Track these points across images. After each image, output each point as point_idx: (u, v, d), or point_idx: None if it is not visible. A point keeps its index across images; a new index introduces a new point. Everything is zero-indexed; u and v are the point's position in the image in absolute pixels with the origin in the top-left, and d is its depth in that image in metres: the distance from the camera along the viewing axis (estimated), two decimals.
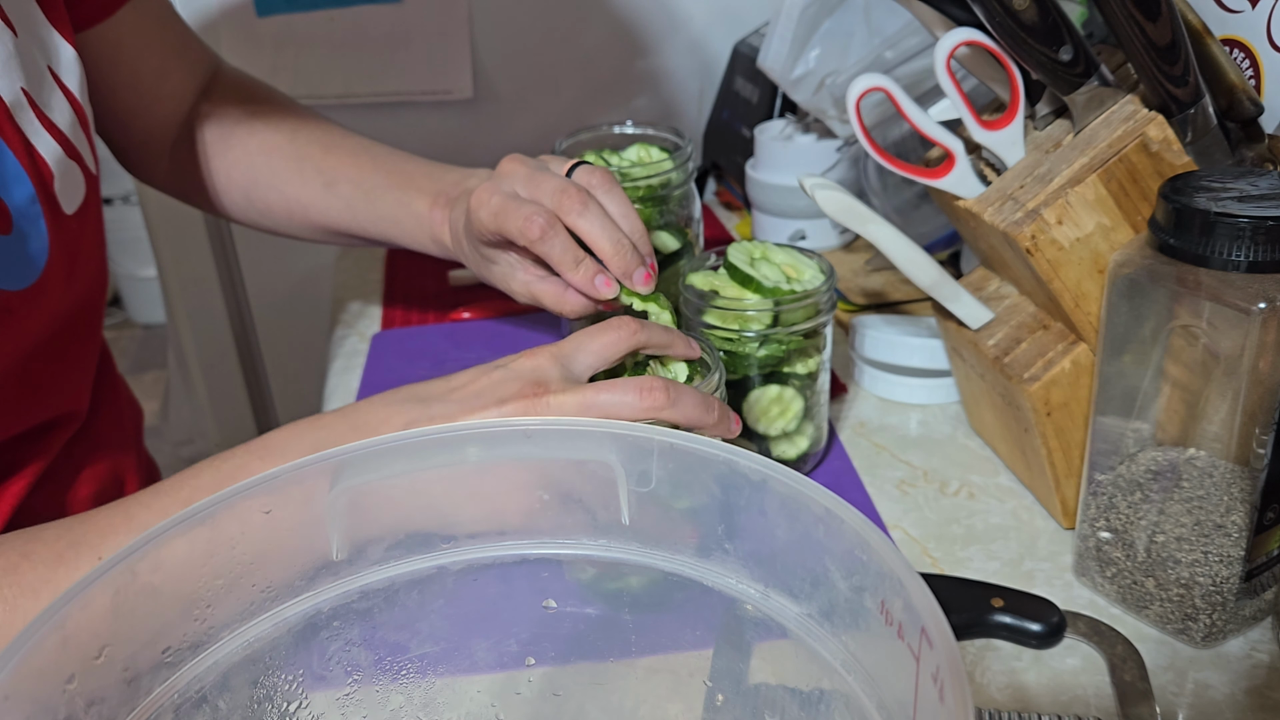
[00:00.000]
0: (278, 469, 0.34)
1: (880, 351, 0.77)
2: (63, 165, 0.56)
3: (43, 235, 0.54)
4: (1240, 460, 0.49)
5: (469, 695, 0.41)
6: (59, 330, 0.59)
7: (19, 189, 0.53)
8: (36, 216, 0.54)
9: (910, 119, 0.60)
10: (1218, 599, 0.51)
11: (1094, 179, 0.54)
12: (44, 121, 0.55)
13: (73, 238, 0.57)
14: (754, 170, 1.01)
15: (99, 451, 0.67)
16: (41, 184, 0.54)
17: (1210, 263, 0.46)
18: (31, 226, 0.53)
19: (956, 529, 0.63)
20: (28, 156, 0.53)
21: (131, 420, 0.75)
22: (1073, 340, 0.58)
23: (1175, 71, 0.53)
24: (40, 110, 0.55)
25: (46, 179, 0.55)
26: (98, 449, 0.67)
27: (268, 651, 0.35)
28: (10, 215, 0.52)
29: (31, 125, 0.55)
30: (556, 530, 0.38)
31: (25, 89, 0.54)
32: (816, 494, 0.31)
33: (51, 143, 0.56)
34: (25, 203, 0.53)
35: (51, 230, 0.55)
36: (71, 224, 0.57)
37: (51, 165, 0.55)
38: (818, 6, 0.89)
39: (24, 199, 0.53)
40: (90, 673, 0.30)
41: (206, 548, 0.33)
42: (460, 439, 0.36)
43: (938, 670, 0.25)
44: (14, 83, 0.53)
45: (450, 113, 1.18)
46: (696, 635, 0.38)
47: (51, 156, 0.55)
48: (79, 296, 0.60)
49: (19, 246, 0.53)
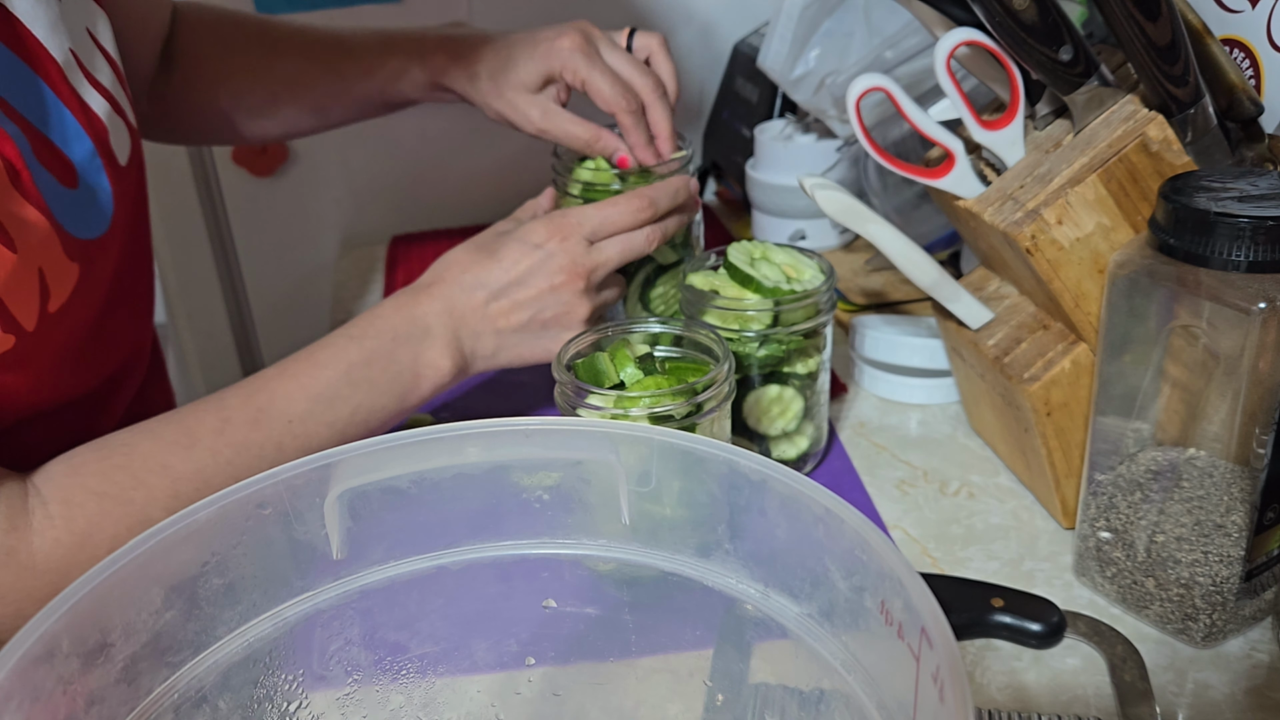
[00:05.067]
0: (278, 469, 0.34)
1: (880, 351, 0.77)
2: (112, 120, 0.59)
3: (106, 187, 0.58)
4: (1240, 460, 0.49)
5: (469, 695, 0.41)
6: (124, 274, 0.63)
7: (79, 145, 0.56)
8: (98, 170, 0.57)
9: (910, 119, 0.60)
10: (1218, 599, 0.51)
11: (1094, 179, 0.54)
12: (91, 80, 0.58)
13: (130, 186, 0.62)
14: (754, 170, 1.01)
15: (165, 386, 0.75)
16: (98, 139, 0.57)
17: (1210, 263, 0.46)
18: (96, 179, 0.57)
19: (956, 529, 0.63)
20: (83, 114, 0.57)
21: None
22: (1073, 340, 0.58)
23: (1175, 71, 0.53)
24: (87, 70, 0.58)
25: (101, 134, 0.58)
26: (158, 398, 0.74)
27: (268, 651, 0.35)
28: (75, 170, 0.56)
29: (82, 84, 0.57)
30: (556, 530, 0.38)
31: (73, 49, 0.57)
32: (816, 494, 0.31)
33: (100, 99, 0.59)
34: (87, 157, 0.56)
35: (113, 182, 0.58)
36: (127, 174, 0.61)
37: (104, 120, 0.58)
38: (818, 6, 0.89)
39: (85, 154, 0.56)
40: (90, 673, 0.30)
41: (207, 547, 0.33)
42: (460, 439, 0.36)
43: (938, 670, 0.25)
44: (63, 44, 0.56)
45: (450, 113, 1.18)
46: (696, 635, 0.38)
47: (102, 112, 0.58)
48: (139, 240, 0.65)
49: (87, 199, 0.56)
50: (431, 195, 1.22)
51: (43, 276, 0.52)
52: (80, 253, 0.55)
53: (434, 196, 1.22)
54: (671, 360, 0.59)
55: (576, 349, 0.57)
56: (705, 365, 0.57)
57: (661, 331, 0.59)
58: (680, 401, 0.53)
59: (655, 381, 0.56)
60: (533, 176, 1.21)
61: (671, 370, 0.58)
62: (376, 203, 1.22)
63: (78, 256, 0.54)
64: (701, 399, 0.53)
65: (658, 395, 0.53)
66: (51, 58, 0.55)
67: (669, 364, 0.58)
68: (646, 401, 0.53)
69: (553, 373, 0.55)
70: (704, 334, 0.58)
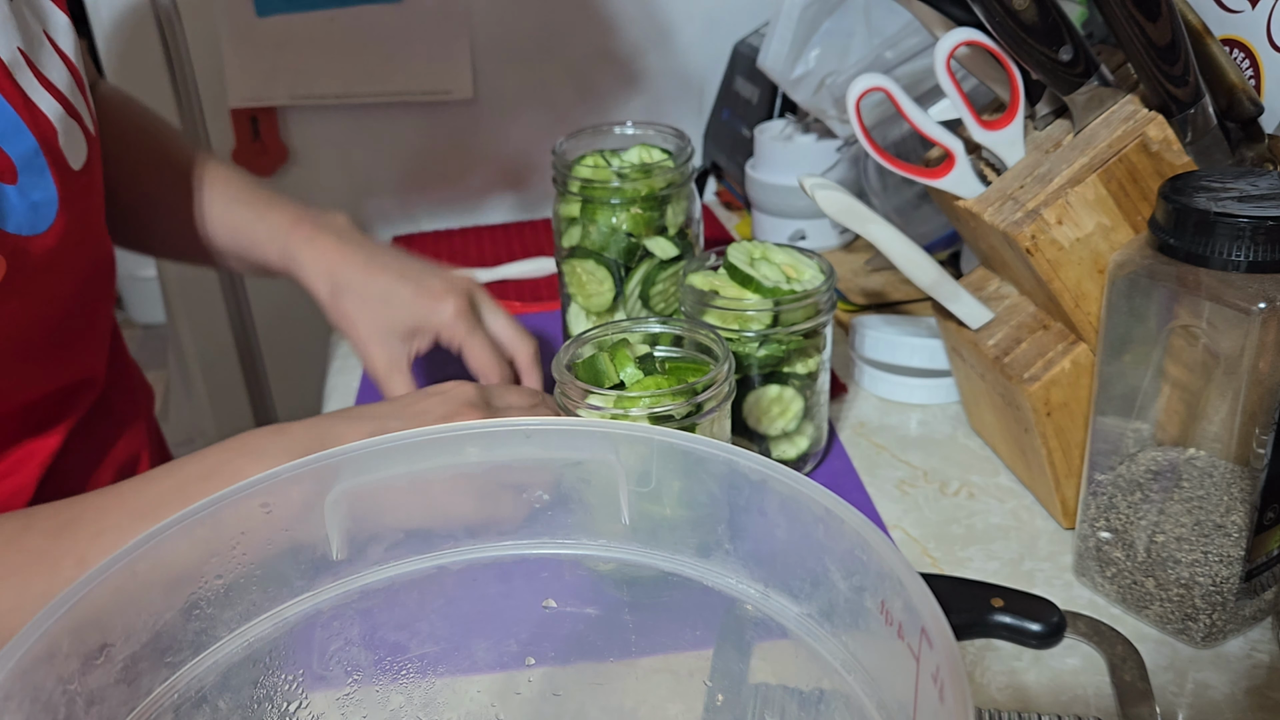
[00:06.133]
0: (278, 469, 0.34)
1: (880, 351, 0.77)
2: (64, 123, 0.58)
3: (50, 187, 0.56)
4: (1240, 460, 0.49)
5: (469, 695, 0.41)
6: (80, 288, 0.61)
7: (20, 141, 0.55)
8: (42, 168, 0.56)
9: (910, 119, 0.60)
10: (1218, 599, 0.51)
11: (1094, 179, 0.54)
12: (42, 81, 0.57)
13: (82, 192, 0.60)
14: (754, 170, 1.01)
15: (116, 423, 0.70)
16: (44, 138, 0.56)
17: (1210, 263, 0.46)
18: (38, 177, 0.56)
19: (956, 529, 0.63)
20: (27, 112, 0.55)
21: (144, 397, 0.77)
22: (1073, 340, 0.58)
23: (1175, 71, 0.53)
24: (38, 70, 0.57)
25: (49, 134, 0.57)
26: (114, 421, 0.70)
27: (268, 651, 0.35)
28: (14, 165, 0.54)
29: (30, 84, 0.56)
30: (556, 530, 0.38)
31: (22, 49, 0.56)
32: (816, 494, 0.31)
33: (51, 101, 0.57)
34: (29, 154, 0.55)
35: (59, 183, 0.57)
36: (79, 180, 0.59)
37: (53, 121, 0.57)
38: (818, 6, 0.89)
39: (27, 150, 0.55)
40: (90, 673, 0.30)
41: (207, 547, 0.33)
42: (460, 439, 0.36)
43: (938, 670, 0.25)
44: (11, 42, 0.55)
45: (450, 113, 1.18)
46: (696, 635, 0.38)
47: (52, 114, 0.57)
48: (94, 255, 0.63)
49: (26, 195, 0.55)
50: (431, 195, 1.22)
51: None
52: (9, 246, 0.53)
53: (434, 196, 1.22)
54: (671, 360, 0.59)
55: (576, 349, 0.57)
56: (705, 365, 0.57)
57: (661, 331, 0.59)
58: (680, 401, 0.53)
59: (655, 381, 0.56)
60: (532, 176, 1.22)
61: (671, 370, 0.58)
62: (376, 203, 1.22)
63: (4, 249, 0.53)
64: (701, 399, 0.53)
65: (658, 395, 0.53)
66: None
67: (669, 364, 0.58)
68: (646, 401, 0.53)
69: (553, 373, 0.55)
70: (704, 334, 0.58)
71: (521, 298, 0.96)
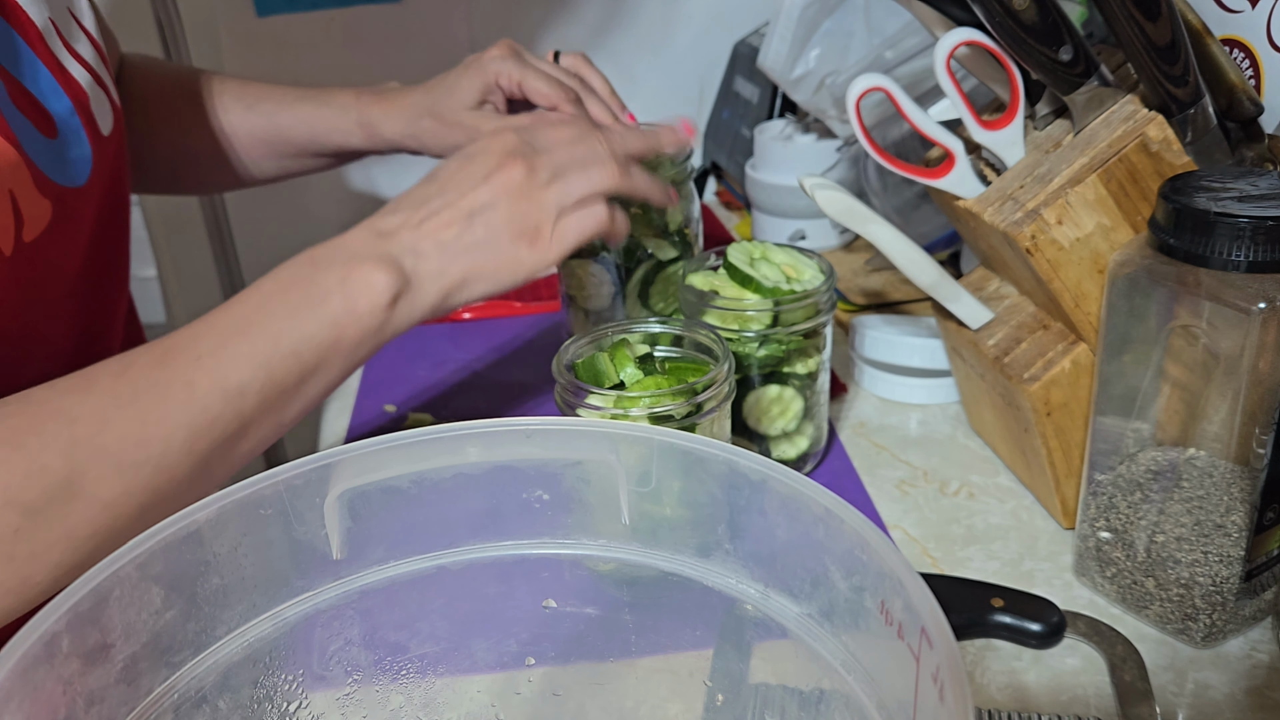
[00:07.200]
0: (278, 469, 0.34)
1: (880, 351, 0.77)
2: (93, 89, 0.60)
3: (85, 144, 0.58)
4: (1240, 460, 0.49)
5: (469, 695, 0.41)
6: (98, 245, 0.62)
7: (58, 101, 0.56)
8: (78, 128, 0.58)
9: (910, 119, 0.60)
10: (1218, 599, 0.51)
11: (1094, 179, 0.54)
12: (71, 51, 0.59)
13: (112, 155, 0.62)
14: (754, 170, 1.01)
15: None
16: (78, 100, 0.58)
17: (1210, 263, 0.46)
18: (75, 135, 0.57)
19: (956, 529, 0.63)
20: (61, 75, 0.57)
21: None
22: (1073, 340, 0.58)
23: (1175, 71, 0.53)
24: (67, 41, 0.59)
25: (81, 97, 0.58)
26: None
27: (268, 651, 0.35)
28: (55, 122, 0.56)
29: (61, 52, 0.58)
30: (556, 530, 0.38)
31: (53, 19, 0.58)
32: (816, 494, 0.31)
33: (80, 69, 0.59)
34: (66, 113, 0.57)
35: (93, 143, 0.59)
36: (109, 145, 0.61)
37: (85, 88, 0.59)
38: (818, 6, 0.89)
39: (64, 110, 0.57)
40: (90, 673, 0.30)
41: (207, 547, 0.33)
42: (460, 439, 0.36)
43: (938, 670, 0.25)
44: (43, 12, 0.57)
45: None
46: (696, 635, 0.38)
47: (83, 81, 0.59)
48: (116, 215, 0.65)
49: (65, 150, 0.57)
50: None
51: (15, 201, 0.51)
52: (54, 193, 0.54)
53: None
54: (671, 360, 0.59)
55: (576, 349, 0.57)
56: (705, 365, 0.57)
57: (661, 331, 0.59)
58: (680, 401, 0.53)
59: (655, 381, 0.56)
60: None
61: (671, 370, 0.58)
62: (376, 203, 1.22)
63: (51, 195, 0.54)
64: (701, 399, 0.53)
65: (658, 395, 0.53)
66: (30, 21, 0.55)
67: (669, 364, 0.58)
68: (646, 401, 0.53)
69: (552, 373, 0.55)
70: (704, 334, 0.58)
71: (521, 298, 0.96)
